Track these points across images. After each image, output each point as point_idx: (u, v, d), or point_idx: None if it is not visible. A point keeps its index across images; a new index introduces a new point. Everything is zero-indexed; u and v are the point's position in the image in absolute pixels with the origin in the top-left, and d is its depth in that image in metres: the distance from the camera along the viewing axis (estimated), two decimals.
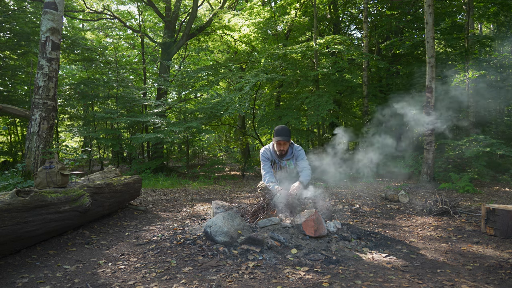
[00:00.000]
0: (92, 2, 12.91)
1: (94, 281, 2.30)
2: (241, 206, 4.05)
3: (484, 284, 2.30)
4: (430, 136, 7.41)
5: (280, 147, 3.56)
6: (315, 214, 3.12)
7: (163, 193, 6.58)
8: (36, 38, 9.58)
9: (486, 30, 17.26)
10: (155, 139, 9.22)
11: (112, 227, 3.82)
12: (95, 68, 11.68)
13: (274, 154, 3.69)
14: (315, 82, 10.10)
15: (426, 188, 6.87)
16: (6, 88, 10.28)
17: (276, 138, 3.49)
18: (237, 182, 9.01)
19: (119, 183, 4.27)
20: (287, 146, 3.58)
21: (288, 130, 3.52)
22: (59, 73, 7.27)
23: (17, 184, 4.74)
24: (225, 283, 2.26)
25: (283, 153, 3.61)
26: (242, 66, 13.53)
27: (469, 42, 8.65)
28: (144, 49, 14.69)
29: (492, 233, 3.53)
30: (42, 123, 5.78)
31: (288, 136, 3.49)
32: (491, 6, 9.57)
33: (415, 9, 11.34)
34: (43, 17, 5.89)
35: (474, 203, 5.36)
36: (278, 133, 3.49)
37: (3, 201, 2.49)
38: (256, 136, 12.44)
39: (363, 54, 9.38)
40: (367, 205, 5.33)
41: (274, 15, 11.13)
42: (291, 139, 3.62)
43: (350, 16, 13.85)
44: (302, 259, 2.69)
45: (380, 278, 2.37)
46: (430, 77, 7.36)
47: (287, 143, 3.53)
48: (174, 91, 12.87)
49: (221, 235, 2.98)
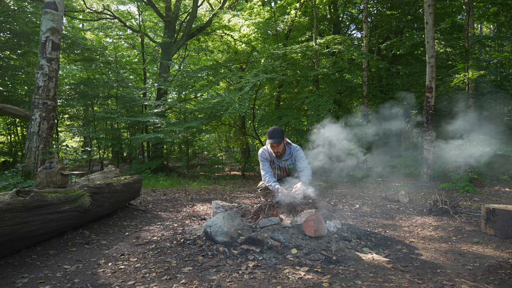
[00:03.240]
0: (92, 2, 12.91)
1: (94, 281, 2.30)
2: (241, 206, 4.05)
3: (484, 284, 2.30)
4: (430, 136, 7.41)
5: (273, 149, 3.55)
6: (315, 214, 3.12)
7: (163, 193, 6.58)
8: (36, 38, 9.58)
9: (486, 30, 17.25)
10: (155, 139, 9.21)
11: (112, 227, 3.82)
12: (95, 68, 11.67)
13: (272, 155, 3.68)
14: (315, 82, 10.09)
15: (426, 188, 6.87)
16: (6, 88, 10.27)
17: (268, 141, 3.48)
18: (237, 182, 9.01)
19: (119, 183, 4.27)
20: (281, 148, 3.55)
21: (280, 131, 3.48)
22: (59, 73, 7.26)
23: (17, 184, 4.74)
24: (225, 283, 2.26)
25: (278, 154, 3.60)
26: (242, 66, 13.53)
27: (469, 42, 8.65)
28: (144, 49, 14.69)
29: (492, 233, 3.53)
30: (42, 123, 5.78)
31: (280, 137, 3.45)
32: (491, 6, 9.56)
33: (415, 9, 11.34)
34: (43, 17, 5.89)
35: (474, 203, 5.36)
36: (269, 136, 3.47)
37: (3, 201, 2.49)
38: (256, 136, 12.43)
39: (363, 54, 9.37)
40: (367, 205, 5.33)
41: (274, 15, 11.13)
42: (285, 139, 3.60)
43: (350, 16, 13.84)
44: (302, 259, 2.69)
45: (380, 278, 2.37)
46: (430, 77, 7.36)
47: (280, 145, 3.50)
48: (174, 91, 12.87)
49: (221, 235, 2.98)
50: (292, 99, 12.34)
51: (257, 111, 14.33)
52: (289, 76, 10.29)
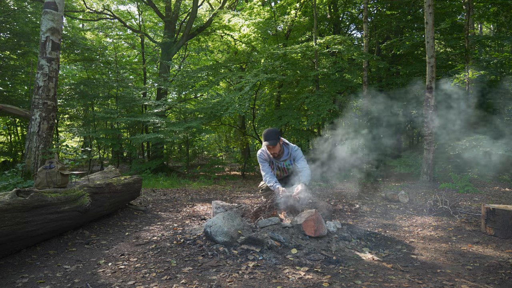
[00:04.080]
0: (92, 2, 12.91)
1: (94, 281, 2.30)
2: (241, 206, 4.05)
3: (484, 284, 2.30)
4: (430, 136, 7.41)
5: (270, 151, 3.55)
6: (315, 214, 3.12)
7: (163, 193, 6.58)
8: (36, 38, 9.58)
9: (486, 30, 17.25)
10: (155, 139, 9.21)
11: (112, 227, 3.82)
12: (95, 68, 11.67)
13: (270, 156, 3.68)
14: (315, 82, 10.09)
15: (426, 188, 6.87)
16: (6, 88, 10.27)
17: (264, 143, 3.48)
18: (237, 182, 9.01)
19: (119, 183, 4.27)
20: (277, 149, 3.55)
21: (275, 133, 3.47)
22: (59, 73, 7.26)
23: (17, 184, 4.74)
24: (225, 283, 2.26)
25: (275, 155, 3.61)
26: (242, 66, 13.53)
27: (469, 42, 8.65)
28: (144, 49, 14.69)
29: (492, 233, 3.53)
30: (42, 123, 5.78)
31: (275, 139, 3.45)
32: (491, 6, 9.56)
33: (415, 9, 11.34)
34: (43, 17, 5.89)
35: (474, 203, 5.36)
36: (265, 138, 3.47)
37: (3, 201, 2.49)
38: (256, 136, 12.43)
39: (363, 54, 9.37)
40: (367, 205, 5.33)
41: (274, 15, 11.13)
42: (282, 140, 3.60)
43: (350, 16, 13.84)
44: (302, 259, 2.69)
45: (380, 278, 2.37)
46: (430, 77, 7.36)
47: (275, 146, 3.50)
48: (174, 91, 12.87)
49: (221, 235, 2.98)
50: (292, 99, 12.34)
51: (257, 111, 14.33)
52: (289, 76, 10.29)
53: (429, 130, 7.38)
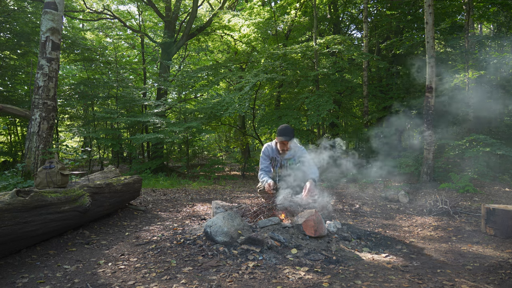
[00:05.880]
0: (92, 2, 12.93)
1: (94, 281, 2.30)
2: (241, 206, 4.05)
3: (484, 284, 2.30)
4: (430, 136, 7.41)
5: (283, 146, 3.65)
6: (315, 214, 3.12)
7: (163, 193, 6.58)
8: (36, 38, 9.58)
9: (486, 30, 17.25)
10: (155, 139, 9.21)
11: (112, 227, 3.82)
12: (95, 68, 11.67)
13: (275, 152, 3.77)
14: (315, 82, 10.10)
15: (426, 188, 6.87)
16: (6, 88, 10.27)
17: (279, 138, 3.58)
18: (237, 182, 9.01)
19: (119, 183, 4.27)
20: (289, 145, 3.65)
21: (291, 130, 3.60)
22: (59, 73, 7.26)
23: (17, 184, 4.74)
24: (225, 283, 2.26)
25: (284, 151, 3.69)
26: (242, 66, 13.53)
27: (469, 42, 8.64)
28: (144, 49, 14.69)
29: (492, 233, 3.53)
30: (42, 123, 5.78)
31: (291, 136, 3.58)
32: (491, 6, 9.56)
33: (415, 9, 11.34)
34: (43, 17, 5.88)
35: (474, 203, 5.36)
36: (281, 133, 3.57)
37: (3, 201, 2.49)
38: (256, 136, 12.44)
39: (363, 54, 9.38)
40: (367, 205, 5.33)
41: (274, 15, 11.13)
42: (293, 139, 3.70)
43: (350, 16, 13.85)
44: (302, 259, 2.69)
45: (380, 278, 2.37)
46: (430, 77, 7.36)
47: (289, 142, 3.62)
48: (174, 91, 12.86)
49: (221, 235, 2.98)
50: (292, 99, 12.35)
51: (257, 111, 14.34)
52: (289, 76, 10.30)
53: (429, 130, 7.38)
